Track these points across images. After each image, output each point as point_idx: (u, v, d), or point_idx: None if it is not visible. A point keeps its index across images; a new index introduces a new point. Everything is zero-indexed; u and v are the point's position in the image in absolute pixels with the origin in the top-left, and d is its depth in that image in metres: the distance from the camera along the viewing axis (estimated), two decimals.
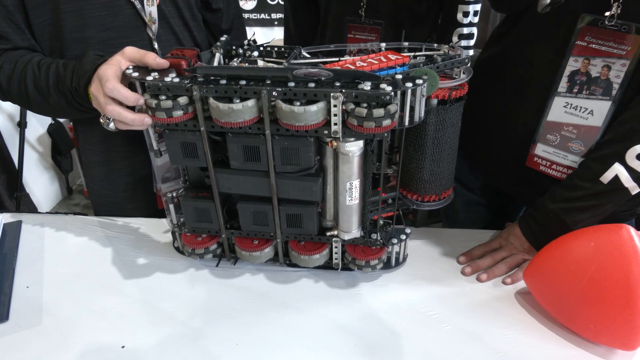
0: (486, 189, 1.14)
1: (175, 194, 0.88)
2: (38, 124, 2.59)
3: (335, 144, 0.74)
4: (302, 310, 0.83)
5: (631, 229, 0.71)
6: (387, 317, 0.81)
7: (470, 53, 1.32)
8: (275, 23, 2.99)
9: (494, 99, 0.97)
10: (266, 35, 2.98)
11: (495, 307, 0.83)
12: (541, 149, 0.89)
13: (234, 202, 0.84)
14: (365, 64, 0.76)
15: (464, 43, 1.34)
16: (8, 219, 1.06)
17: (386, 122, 0.69)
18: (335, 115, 0.70)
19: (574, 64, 0.81)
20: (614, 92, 0.78)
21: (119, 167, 1.08)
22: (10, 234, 1.02)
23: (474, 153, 1.06)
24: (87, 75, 0.80)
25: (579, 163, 0.85)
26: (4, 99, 0.94)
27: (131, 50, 0.78)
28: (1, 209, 2.05)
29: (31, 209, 2.33)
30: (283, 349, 0.77)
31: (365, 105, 0.69)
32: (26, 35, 0.91)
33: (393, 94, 0.68)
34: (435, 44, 0.87)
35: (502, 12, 1.01)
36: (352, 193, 0.78)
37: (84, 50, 0.86)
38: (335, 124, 0.71)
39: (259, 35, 2.96)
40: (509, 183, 1.02)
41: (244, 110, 0.71)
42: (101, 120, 0.79)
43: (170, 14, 0.99)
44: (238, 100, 0.70)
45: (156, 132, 0.82)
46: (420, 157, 0.82)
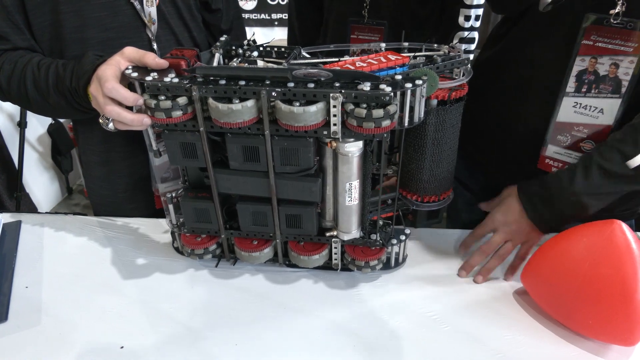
0: (487, 189, 1.14)
1: (174, 194, 0.88)
2: (38, 123, 2.59)
3: (334, 144, 0.74)
4: (302, 311, 0.83)
5: (623, 224, 0.71)
6: (387, 318, 0.81)
7: (470, 57, 1.32)
8: (276, 23, 2.99)
9: (494, 100, 0.97)
10: (266, 35, 2.98)
11: (494, 308, 0.83)
12: (552, 150, 0.88)
13: (234, 203, 0.84)
14: (364, 65, 0.76)
15: (465, 47, 1.34)
16: (8, 219, 1.06)
17: (385, 123, 0.69)
18: (335, 115, 0.70)
19: (581, 63, 0.80)
20: (623, 90, 0.78)
21: (119, 168, 1.08)
22: (10, 234, 1.02)
23: (474, 154, 1.06)
24: (87, 76, 0.80)
25: (602, 142, 0.80)
26: (3, 99, 0.94)
27: (130, 51, 0.78)
28: (1, 209, 2.06)
29: (31, 209, 2.33)
30: (282, 349, 0.76)
31: (364, 105, 0.68)
32: (26, 35, 0.91)
33: (392, 94, 0.68)
34: (435, 45, 0.87)
35: (502, 14, 1.01)
36: (352, 194, 0.78)
37: (83, 51, 0.86)
38: (334, 125, 0.71)
39: (259, 35, 2.96)
40: (510, 183, 1.02)
41: (243, 110, 0.71)
42: (100, 120, 0.79)
43: (170, 15, 0.99)
44: (237, 101, 0.70)
45: (155, 133, 0.82)
46: (420, 158, 0.82)
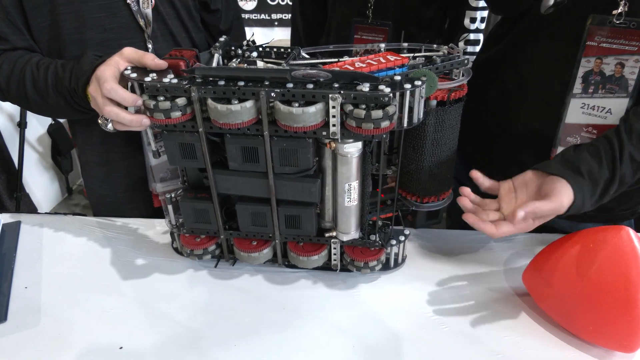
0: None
1: (173, 195, 0.88)
2: (38, 124, 2.59)
3: (333, 145, 0.74)
4: (301, 312, 0.83)
5: (630, 231, 0.71)
6: (386, 319, 0.81)
7: (470, 58, 1.32)
8: (276, 23, 2.99)
9: (494, 100, 0.97)
10: (266, 35, 2.98)
11: (494, 309, 0.83)
12: None
13: (233, 203, 0.84)
14: (364, 65, 0.76)
15: (470, 49, 1.34)
16: (7, 220, 1.06)
17: (385, 124, 0.69)
18: (334, 116, 0.70)
19: (586, 64, 0.80)
20: (631, 89, 0.78)
21: (118, 168, 1.08)
22: (9, 235, 1.02)
23: (474, 154, 1.06)
24: (86, 76, 0.80)
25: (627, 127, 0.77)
26: (2, 99, 0.94)
27: (129, 51, 0.78)
28: (1, 209, 2.06)
29: (31, 209, 2.33)
30: (281, 350, 0.76)
31: (363, 106, 0.68)
32: (25, 35, 0.91)
33: (392, 95, 0.68)
34: (434, 45, 0.87)
35: (501, 15, 1.01)
36: (351, 194, 0.78)
37: (82, 52, 0.86)
38: (333, 125, 0.71)
39: (260, 35, 2.96)
40: None
41: (242, 111, 0.70)
42: (99, 121, 0.79)
43: (168, 15, 0.99)
44: (236, 102, 0.70)
45: (155, 133, 0.82)
46: (420, 158, 0.82)
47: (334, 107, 0.69)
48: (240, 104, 0.70)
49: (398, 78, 0.71)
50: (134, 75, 0.75)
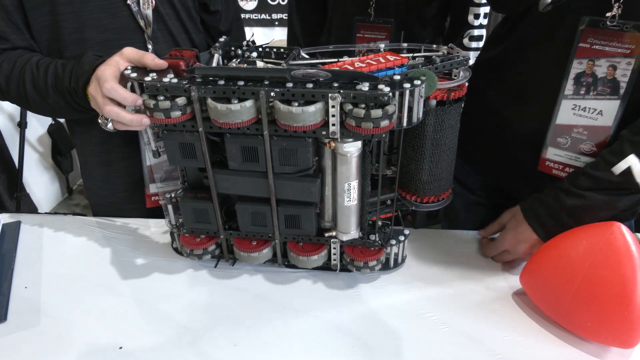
0: (486, 189, 1.14)
1: (173, 195, 0.88)
2: (38, 124, 2.59)
3: (333, 144, 0.74)
4: (301, 312, 0.83)
5: (622, 226, 0.71)
6: (386, 319, 0.81)
7: (470, 58, 1.33)
8: (276, 23, 2.99)
9: (494, 100, 0.97)
10: (267, 35, 2.98)
11: (493, 309, 0.83)
12: (553, 153, 0.88)
13: (233, 203, 0.84)
14: (363, 65, 0.76)
15: (474, 45, 1.34)
16: (7, 219, 1.06)
17: (384, 123, 0.69)
18: (334, 116, 0.70)
19: (578, 66, 0.80)
20: (622, 91, 0.78)
21: (118, 168, 1.08)
22: (9, 235, 1.02)
23: (474, 154, 1.06)
24: (86, 76, 0.80)
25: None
26: (2, 98, 0.94)
27: (130, 51, 0.78)
28: (1, 209, 2.06)
29: (31, 209, 2.33)
30: (281, 350, 0.76)
31: (363, 106, 0.68)
32: (25, 35, 0.91)
33: (391, 94, 0.68)
34: (434, 45, 0.87)
35: (502, 13, 1.01)
36: (351, 194, 0.78)
37: (82, 52, 0.86)
38: (333, 125, 0.71)
39: (260, 35, 2.96)
40: (511, 183, 1.02)
41: (242, 110, 0.70)
42: (99, 120, 0.79)
43: (168, 16, 0.99)
44: (236, 101, 0.70)
45: (155, 133, 0.82)
46: (419, 158, 0.82)
47: (333, 107, 0.69)
48: (240, 104, 0.70)
49: (397, 77, 0.71)
50: (134, 75, 0.75)
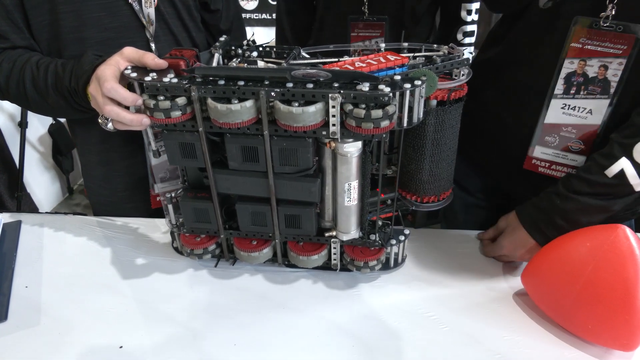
0: (485, 190, 1.14)
1: (173, 195, 0.88)
2: (39, 123, 2.59)
3: (333, 144, 0.74)
4: (301, 311, 0.83)
5: (627, 229, 0.71)
6: (386, 318, 0.81)
7: (470, 57, 1.33)
8: None
9: (492, 101, 0.97)
10: (268, 35, 2.97)
11: (493, 309, 0.83)
12: (540, 151, 0.88)
13: (233, 203, 0.84)
14: (364, 65, 0.76)
15: (468, 40, 1.35)
16: (8, 219, 1.06)
17: (384, 123, 0.69)
18: (334, 116, 0.70)
19: (569, 65, 0.81)
20: (612, 91, 0.79)
21: (118, 167, 1.08)
22: (10, 234, 1.02)
23: (473, 154, 1.06)
24: (86, 76, 0.80)
25: (588, 158, 0.83)
26: (2, 98, 0.94)
27: (130, 51, 0.78)
28: (2, 209, 2.06)
29: (32, 208, 2.33)
30: (281, 349, 0.76)
31: (363, 106, 0.68)
32: (25, 34, 0.91)
33: (391, 95, 0.68)
34: (435, 45, 0.87)
35: (500, 12, 1.01)
36: (351, 194, 0.78)
37: (82, 51, 0.86)
38: (333, 125, 0.71)
39: (261, 35, 2.96)
40: (510, 184, 1.02)
41: (242, 110, 0.70)
42: (99, 120, 0.79)
43: (169, 15, 0.99)
44: (236, 101, 0.70)
45: (155, 133, 0.82)
46: (420, 158, 0.82)
47: (333, 107, 0.69)
48: (240, 104, 0.70)
49: (398, 78, 0.71)
50: (134, 74, 0.75)
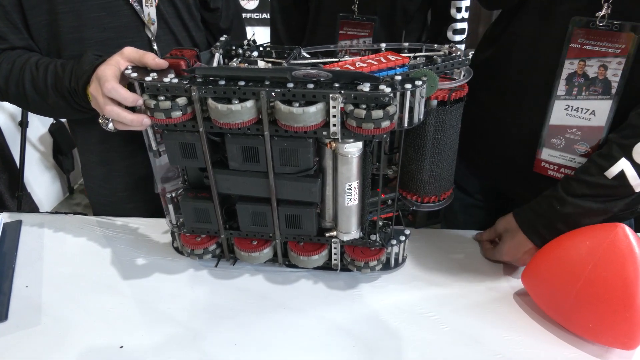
0: (484, 191, 1.14)
1: (174, 194, 0.88)
2: (40, 123, 2.59)
3: (334, 145, 0.74)
4: (301, 311, 0.83)
5: (626, 228, 0.71)
6: (386, 318, 0.81)
7: (462, 47, 1.34)
8: None
9: (490, 101, 0.97)
10: (268, 35, 2.96)
11: (494, 309, 0.83)
12: (547, 154, 0.88)
13: (233, 203, 0.84)
14: (364, 65, 0.76)
15: (458, 38, 1.35)
16: (8, 219, 1.06)
17: (385, 124, 0.69)
18: (334, 116, 0.70)
19: (570, 66, 0.81)
20: (613, 91, 0.78)
21: (118, 167, 1.08)
22: (10, 234, 1.02)
23: (471, 155, 1.05)
24: (86, 76, 0.80)
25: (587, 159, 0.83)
26: (1, 99, 0.94)
27: (130, 51, 0.78)
28: (2, 209, 2.06)
29: (32, 208, 2.33)
30: (282, 349, 0.76)
31: (364, 106, 0.68)
32: (23, 35, 0.91)
33: (392, 95, 0.68)
34: (435, 45, 0.87)
35: (493, 9, 1.01)
36: (351, 194, 0.78)
37: (81, 51, 0.86)
38: (334, 125, 0.71)
39: (261, 35, 2.95)
40: (509, 185, 1.02)
41: (242, 111, 0.70)
42: (100, 120, 0.79)
43: (169, 14, 0.99)
44: (237, 101, 0.70)
45: (156, 133, 0.82)
46: (420, 158, 0.82)
47: (334, 107, 0.69)
48: (241, 104, 0.70)
49: (399, 78, 0.71)
50: (135, 74, 0.75)
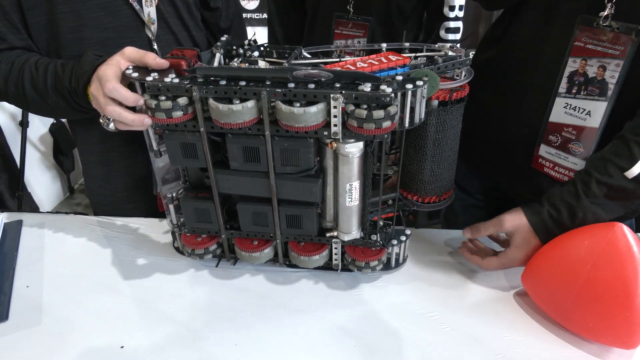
0: (485, 192, 1.14)
1: (175, 195, 0.88)
2: (40, 123, 2.59)
3: (335, 145, 0.74)
4: (302, 311, 0.83)
5: (624, 227, 0.71)
6: (387, 318, 0.81)
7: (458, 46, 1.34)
8: None
9: (491, 101, 0.97)
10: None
11: (494, 309, 0.83)
12: (544, 150, 0.88)
13: (234, 203, 0.84)
14: (365, 65, 0.76)
15: (451, 37, 1.35)
16: (9, 219, 1.06)
17: (386, 124, 0.69)
18: (335, 116, 0.70)
19: (572, 64, 0.81)
20: (610, 93, 0.79)
21: (119, 167, 1.08)
22: (11, 234, 1.02)
23: (472, 155, 1.05)
24: (87, 76, 0.80)
25: (594, 157, 0.81)
26: (1, 99, 0.93)
27: (131, 51, 0.78)
28: (3, 208, 2.06)
29: (33, 208, 2.33)
30: (282, 349, 0.76)
31: (365, 106, 0.68)
32: (23, 35, 0.91)
33: (393, 95, 0.68)
34: (436, 45, 0.87)
35: (494, 9, 1.01)
36: (352, 194, 0.78)
37: (81, 51, 0.86)
38: (335, 125, 0.71)
39: (262, 35, 2.95)
40: (509, 185, 1.02)
41: (243, 111, 0.70)
42: (101, 120, 0.78)
43: (169, 14, 0.99)
44: (238, 101, 0.70)
45: (156, 133, 0.82)
46: (421, 159, 0.82)
47: (335, 107, 0.69)
48: (242, 104, 0.70)
49: (400, 78, 0.71)
50: (136, 74, 0.75)
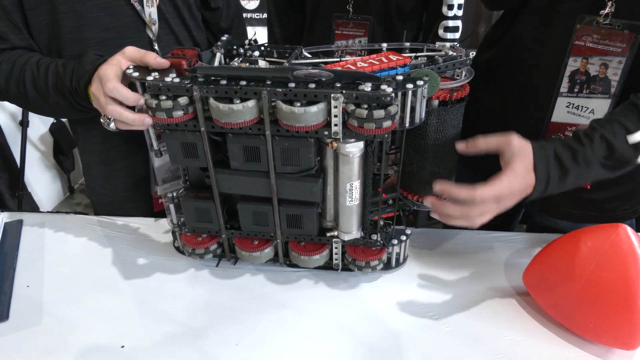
0: None
1: (175, 194, 0.88)
2: (40, 123, 2.59)
3: (335, 145, 0.74)
4: (302, 311, 0.83)
5: (628, 229, 0.71)
6: (387, 318, 0.81)
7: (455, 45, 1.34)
8: None
9: (491, 102, 0.97)
10: None
11: (495, 308, 0.83)
12: None
13: (234, 202, 0.84)
14: (366, 65, 0.76)
15: (450, 36, 1.35)
16: (9, 218, 1.06)
17: (386, 124, 0.69)
18: (336, 116, 0.70)
19: (573, 63, 0.81)
20: (613, 90, 0.79)
21: (119, 167, 1.08)
22: (11, 233, 1.02)
23: (471, 155, 1.05)
24: (88, 75, 0.80)
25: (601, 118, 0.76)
26: (2, 99, 0.94)
27: (131, 50, 0.78)
28: (3, 208, 2.06)
29: (33, 208, 2.33)
30: (282, 349, 0.76)
31: (365, 106, 0.68)
32: (24, 35, 0.91)
33: (394, 95, 0.68)
34: (437, 45, 0.87)
35: (496, 10, 1.01)
36: (353, 194, 0.78)
37: (82, 51, 0.86)
38: (335, 125, 0.71)
39: (262, 34, 2.95)
40: None
41: (244, 110, 0.70)
42: (102, 120, 0.79)
43: (170, 14, 0.99)
44: (238, 101, 0.70)
45: (156, 133, 0.82)
46: (421, 158, 0.82)
47: (335, 107, 0.69)
48: (242, 104, 0.70)
49: (400, 78, 0.71)
50: (136, 74, 0.75)
